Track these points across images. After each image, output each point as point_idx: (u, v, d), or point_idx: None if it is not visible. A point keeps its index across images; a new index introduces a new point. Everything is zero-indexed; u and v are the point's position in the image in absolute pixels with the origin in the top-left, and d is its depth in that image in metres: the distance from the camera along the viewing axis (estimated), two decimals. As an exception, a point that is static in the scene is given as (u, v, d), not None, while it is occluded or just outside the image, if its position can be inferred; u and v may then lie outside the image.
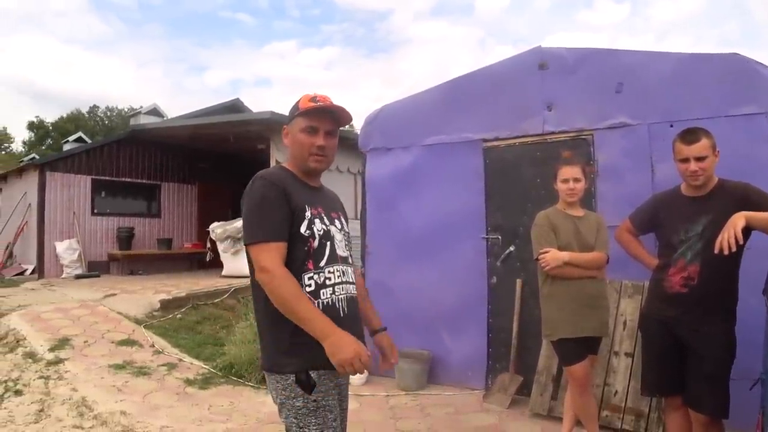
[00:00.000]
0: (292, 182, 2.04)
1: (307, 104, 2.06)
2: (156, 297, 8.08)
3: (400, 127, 5.55)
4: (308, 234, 1.96)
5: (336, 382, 1.99)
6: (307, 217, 1.98)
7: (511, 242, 5.02)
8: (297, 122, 2.09)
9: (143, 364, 5.77)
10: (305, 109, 2.06)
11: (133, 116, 16.38)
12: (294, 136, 2.10)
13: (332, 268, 2.00)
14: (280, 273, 1.84)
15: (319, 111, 2.06)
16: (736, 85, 4.12)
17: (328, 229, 2.04)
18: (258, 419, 4.51)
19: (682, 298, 2.92)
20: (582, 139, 4.74)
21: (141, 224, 13.30)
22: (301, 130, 2.07)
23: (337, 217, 2.15)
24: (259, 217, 1.93)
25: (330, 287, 1.98)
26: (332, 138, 2.11)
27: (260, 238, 1.90)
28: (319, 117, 2.06)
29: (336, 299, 1.99)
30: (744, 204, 2.72)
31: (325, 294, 1.96)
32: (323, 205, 2.10)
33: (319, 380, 1.90)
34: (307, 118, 2.06)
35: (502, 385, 4.88)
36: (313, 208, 2.01)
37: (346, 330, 1.93)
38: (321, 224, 2.01)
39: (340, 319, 1.94)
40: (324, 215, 2.06)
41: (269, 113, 9.81)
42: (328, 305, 1.95)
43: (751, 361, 2.97)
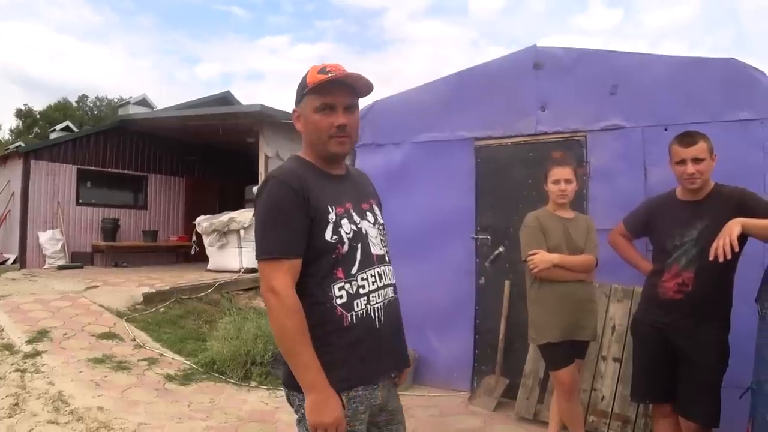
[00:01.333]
0: (312, 177, 1.76)
1: (316, 77, 1.74)
2: (139, 290, 7.95)
3: (391, 124, 5.47)
4: (335, 240, 1.71)
5: (369, 405, 1.77)
6: (332, 221, 1.72)
7: (501, 243, 4.96)
8: (308, 101, 1.78)
9: (123, 358, 5.65)
10: (315, 84, 1.74)
11: (121, 106, 16.20)
12: (307, 118, 1.80)
13: (366, 274, 1.77)
14: (289, 303, 1.63)
15: (333, 84, 1.73)
16: (732, 90, 4.08)
17: (359, 228, 1.78)
18: (239, 417, 4.42)
19: (676, 305, 2.87)
20: (575, 141, 4.68)
21: (127, 216, 13.13)
22: (315, 110, 1.76)
23: (369, 208, 1.88)
24: (272, 228, 1.68)
25: (364, 296, 1.75)
26: (352, 114, 1.79)
27: (272, 254, 1.66)
28: (333, 91, 1.74)
29: (371, 309, 1.76)
30: (740, 210, 2.68)
31: (359, 305, 1.74)
32: (351, 197, 1.83)
33: (348, 403, 1.70)
34: (319, 94, 1.75)
35: (487, 387, 4.83)
36: (338, 207, 1.75)
37: (384, 342, 1.79)
38: (350, 224, 1.76)
39: (376, 331, 1.76)
40: (353, 211, 1.80)
41: (259, 106, 9.71)
42: (362, 317, 1.74)
43: (742, 369, 2.93)
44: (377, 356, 1.78)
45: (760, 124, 4.00)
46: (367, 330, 1.75)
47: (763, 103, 4.00)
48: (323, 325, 1.71)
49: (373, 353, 1.76)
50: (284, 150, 10.19)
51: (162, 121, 12.35)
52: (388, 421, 1.90)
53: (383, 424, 1.89)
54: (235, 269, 9.84)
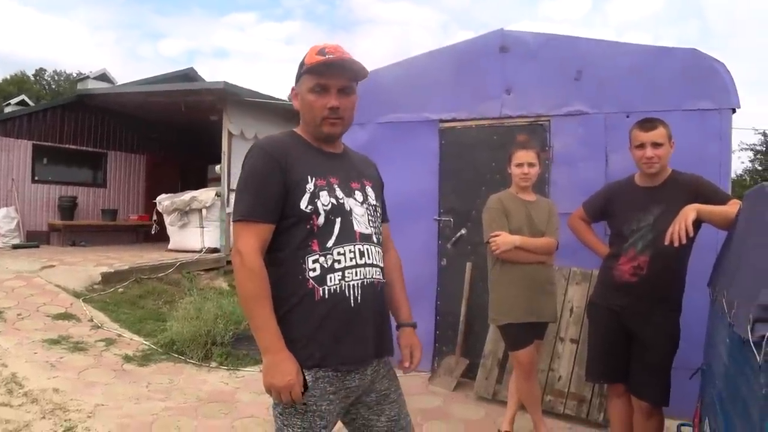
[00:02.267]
0: (297, 149, 1.80)
1: (314, 58, 1.77)
2: (97, 270, 7.77)
3: (356, 103, 5.42)
4: (310, 210, 1.71)
5: (341, 386, 1.75)
6: (309, 190, 1.73)
7: (463, 225, 4.99)
8: (304, 81, 1.81)
9: (80, 339, 5.54)
10: (312, 65, 1.77)
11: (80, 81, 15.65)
12: (303, 97, 1.83)
13: (343, 249, 1.75)
14: (251, 265, 1.65)
15: (329, 66, 1.76)
16: (693, 80, 4.16)
17: (340, 203, 1.77)
18: (198, 397, 4.38)
19: (631, 288, 2.93)
20: (539, 125, 4.72)
21: (85, 194, 12.78)
22: (309, 90, 1.79)
23: (359, 187, 1.88)
24: (246, 192, 1.72)
25: (339, 272, 1.73)
26: (347, 96, 1.82)
27: (243, 217, 1.70)
28: (329, 73, 1.77)
29: (346, 286, 1.73)
30: (695, 196, 2.74)
31: (332, 280, 1.72)
32: (340, 173, 1.84)
33: (314, 382, 1.69)
34: (315, 75, 1.78)
35: (448, 368, 4.88)
36: (319, 179, 1.76)
37: (360, 323, 1.76)
38: (329, 197, 1.75)
39: (350, 310, 1.73)
40: (337, 186, 1.80)
41: (223, 83, 9.52)
42: (335, 293, 1.72)
43: (693, 351, 3.03)
44: (351, 337, 1.74)
45: (718, 114, 4.09)
46: (340, 307, 1.72)
47: (721, 93, 4.09)
48: (294, 296, 1.71)
49: (346, 334, 1.73)
50: (249, 128, 10.04)
51: (123, 96, 12.00)
52: (378, 401, 1.89)
53: (373, 404, 1.88)
54: (196, 249, 9.71)
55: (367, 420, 1.89)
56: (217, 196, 9.86)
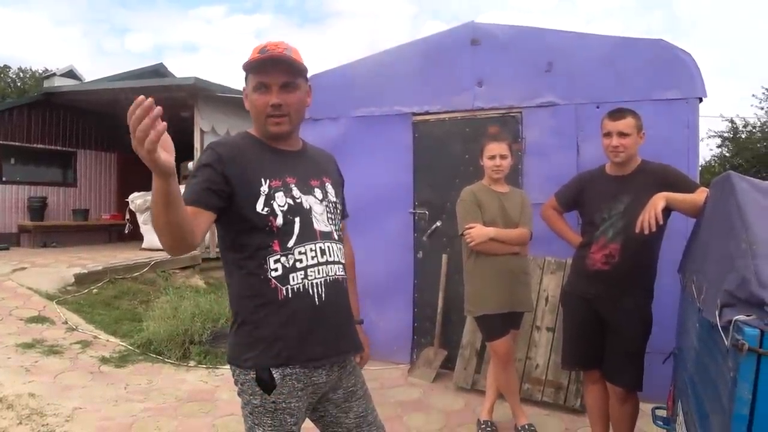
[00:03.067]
0: (251, 150, 1.77)
1: (253, 57, 1.75)
2: (70, 271, 7.66)
3: (328, 98, 5.40)
4: (266, 212, 1.70)
5: (308, 383, 1.75)
6: (264, 192, 1.71)
7: (438, 217, 5.03)
8: (249, 81, 1.79)
9: (55, 342, 5.46)
10: (250, 63, 1.75)
11: (47, 78, 15.30)
12: (248, 97, 1.81)
13: (304, 248, 1.74)
14: None
15: (265, 63, 1.74)
16: (661, 70, 4.23)
17: (297, 203, 1.76)
18: (177, 397, 4.36)
19: (603, 275, 2.98)
20: (511, 117, 4.76)
21: (55, 194, 12.56)
22: (253, 89, 1.77)
23: (318, 185, 1.86)
24: (188, 183, 1.70)
25: (301, 270, 1.73)
26: (291, 92, 1.77)
27: None
28: (268, 70, 1.74)
29: (309, 284, 1.73)
30: (664, 185, 2.79)
31: (294, 279, 1.72)
32: (297, 172, 1.82)
33: (282, 380, 1.70)
34: (255, 73, 1.76)
35: (426, 359, 4.92)
36: (274, 180, 1.74)
37: (325, 321, 1.76)
38: (285, 197, 1.74)
39: (315, 308, 1.73)
40: (294, 185, 1.78)
41: (193, 79, 9.41)
42: (298, 292, 1.72)
43: (665, 336, 3.11)
44: (318, 335, 1.76)
45: (686, 103, 4.17)
46: (304, 305, 1.73)
47: (688, 83, 4.17)
48: (258, 297, 1.72)
49: (312, 332, 1.74)
50: (220, 124, 9.94)
51: (91, 93, 11.77)
52: (346, 398, 1.90)
53: (341, 401, 1.89)
54: (171, 247, 9.60)
55: (335, 417, 1.90)
56: (191, 194, 9.76)
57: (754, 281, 1.59)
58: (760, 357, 1.49)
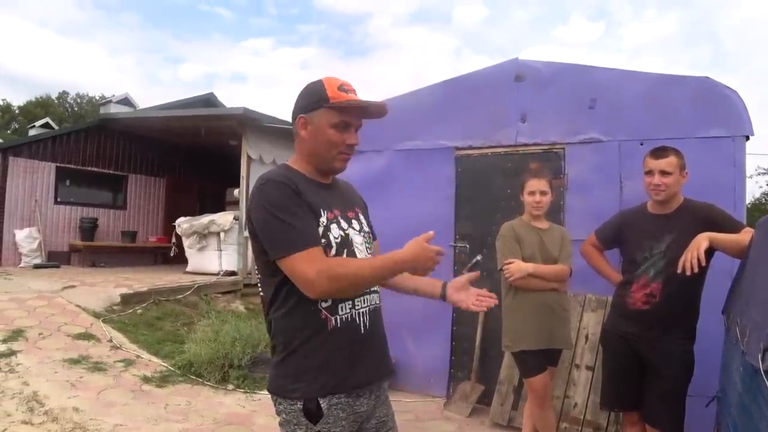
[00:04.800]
0: (301, 183, 1.78)
1: (338, 95, 1.77)
2: (116, 291, 7.89)
3: (373, 131, 5.46)
4: (324, 243, 1.72)
5: (351, 411, 1.77)
6: (323, 224, 1.74)
7: (479, 251, 5.02)
8: (324, 114, 1.79)
9: (99, 359, 5.62)
10: (342, 103, 1.77)
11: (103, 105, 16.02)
12: (320, 130, 1.80)
13: None
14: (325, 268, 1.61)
15: (359, 108, 1.81)
16: (706, 107, 4.20)
17: (346, 234, 1.81)
18: (215, 420, 4.43)
19: (644, 315, 2.95)
20: (554, 153, 4.77)
21: (105, 215, 13.00)
22: (330, 125, 1.79)
23: (354, 216, 1.91)
24: (284, 223, 1.66)
25: (349, 301, 1.77)
26: (357, 133, 1.88)
27: (298, 248, 1.64)
28: (353, 110, 1.81)
29: (356, 314, 1.78)
30: (707, 224, 2.77)
31: (343, 309, 1.75)
32: (339, 205, 1.87)
33: (328, 410, 1.71)
34: (339, 112, 1.78)
35: (463, 393, 4.88)
36: (329, 212, 1.78)
37: (367, 349, 1.81)
38: (338, 230, 1.78)
39: (360, 336, 1.78)
40: (341, 218, 1.83)
41: (242, 109, 9.70)
42: (347, 321, 1.76)
43: (708, 378, 3.03)
44: (362, 363, 1.79)
45: (732, 141, 4.12)
46: (351, 335, 1.76)
47: (734, 120, 4.12)
48: (307, 327, 1.74)
49: (358, 359, 1.77)
50: (267, 154, 10.19)
51: (144, 121, 12.26)
52: (378, 428, 1.91)
53: (372, 431, 1.90)
54: (214, 272, 9.81)
55: None
56: (235, 220, 9.98)
57: (797, 325, 1.57)
58: (802, 402, 1.47)
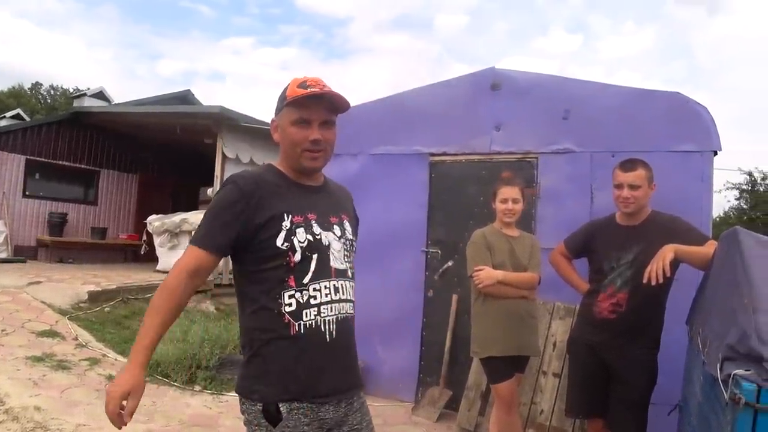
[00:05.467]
0: (275, 184, 1.80)
1: (295, 91, 1.77)
2: (84, 288, 7.76)
3: (349, 134, 5.48)
4: (286, 247, 1.72)
5: (315, 417, 1.74)
6: (285, 228, 1.73)
7: (451, 257, 5.06)
8: (286, 114, 1.80)
9: (64, 357, 5.52)
10: (294, 98, 1.76)
11: (77, 98, 15.74)
12: (284, 130, 1.82)
13: (319, 285, 1.76)
14: (171, 281, 1.72)
15: (312, 99, 1.77)
16: (676, 122, 4.29)
17: (317, 239, 1.78)
18: (181, 421, 4.38)
19: (610, 324, 3.00)
20: (527, 162, 4.82)
21: (75, 210, 12.80)
22: (291, 123, 1.79)
23: (337, 222, 1.87)
24: (204, 221, 1.76)
25: (314, 307, 1.74)
26: (329, 129, 1.83)
27: (192, 240, 1.77)
28: (311, 106, 1.77)
29: (321, 321, 1.75)
30: (673, 236, 2.82)
31: (308, 315, 1.73)
32: (318, 208, 1.84)
33: (288, 414, 1.69)
34: (297, 108, 1.77)
35: (431, 398, 4.90)
36: (296, 216, 1.76)
37: (334, 358, 1.78)
38: (306, 234, 1.75)
39: (326, 344, 1.76)
40: (315, 222, 1.80)
41: (219, 108, 9.63)
42: (311, 328, 1.73)
43: (671, 386, 3.11)
44: (326, 372, 1.77)
45: (700, 156, 4.21)
46: (315, 342, 1.75)
47: (703, 136, 4.22)
48: (270, 331, 1.73)
49: (321, 368, 1.76)
50: (244, 153, 10.12)
51: (119, 116, 12.10)
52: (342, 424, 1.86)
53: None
54: (185, 271, 9.69)
55: None
56: (208, 219, 9.88)
57: (754, 337, 1.62)
58: (757, 412, 1.51)
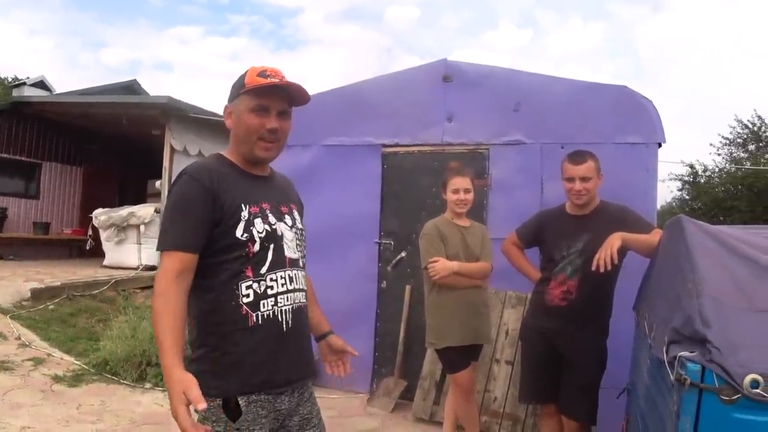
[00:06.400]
0: (228, 175, 1.77)
1: (255, 80, 1.75)
2: (26, 285, 7.46)
3: (301, 125, 5.40)
4: (246, 238, 1.71)
5: (272, 409, 1.74)
6: (244, 218, 1.72)
7: (403, 248, 5.08)
8: (243, 101, 1.77)
9: (6, 358, 5.30)
10: (254, 87, 1.75)
11: (16, 87, 15.05)
12: (239, 116, 1.78)
13: (276, 275, 1.76)
14: (160, 286, 1.61)
15: (272, 88, 1.76)
16: (624, 115, 4.40)
17: (273, 229, 1.78)
18: (131, 420, 4.28)
19: (561, 311, 3.07)
20: (478, 153, 4.88)
21: (16, 205, 12.26)
22: (248, 110, 1.76)
23: (287, 212, 1.89)
24: (171, 220, 1.69)
25: (272, 297, 1.75)
26: (285, 120, 1.82)
27: (167, 246, 1.67)
28: (270, 94, 1.76)
29: (278, 311, 1.76)
30: (621, 225, 2.91)
31: (265, 306, 1.73)
32: (270, 198, 1.84)
33: (247, 407, 1.69)
34: (256, 96, 1.75)
35: (386, 389, 4.93)
36: (252, 206, 1.76)
37: (289, 348, 1.77)
38: (263, 224, 1.76)
39: (282, 334, 1.76)
40: (269, 212, 1.80)
41: (167, 98, 9.40)
42: (268, 318, 1.73)
43: (619, 371, 3.19)
44: (283, 362, 1.77)
45: (646, 147, 4.35)
46: (272, 332, 1.74)
47: (648, 128, 4.35)
48: (227, 323, 1.71)
49: (278, 358, 1.75)
50: (192, 145, 9.91)
51: (62, 106, 11.62)
52: (302, 425, 1.88)
53: (295, 428, 1.87)
54: (133, 266, 9.45)
55: None
56: (156, 213, 9.62)
57: (698, 320, 1.67)
58: (702, 392, 1.57)
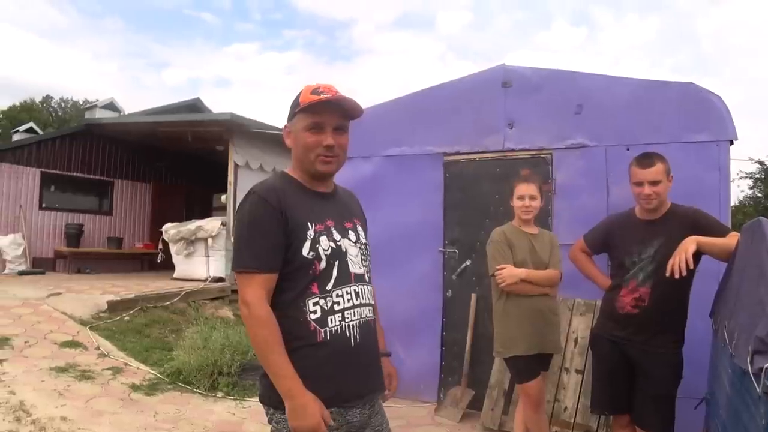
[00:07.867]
0: (293, 194, 1.81)
1: (308, 98, 1.80)
2: (103, 297, 7.82)
3: (361, 137, 5.48)
4: (312, 256, 1.75)
5: (343, 422, 1.76)
6: (310, 237, 1.76)
7: (468, 256, 5.05)
8: (299, 120, 1.83)
9: (87, 367, 5.57)
10: (307, 104, 1.79)
11: (88, 109, 15.90)
12: (297, 135, 1.84)
13: (341, 291, 1.79)
14: (259, 313, 1.67)
15: (325, 104, 1.79)
16: (691, 113, 4.25)
17: (338, 246, 1.81)
18: (205, 428, 4.40)
19: (633, 319, 2.98)
20: (541, 158, 4.81)
21: (91, 221, 12.90)
22: (304, 129, 1.81)
23: (352, 227, 1.91)
24: (247, 241, 1.74)
25: (339, 313, 1.77)
26: (342, 135, 1.86)
27: (247, 267, 1.71)
28: (324, 111, 1.80)
29: (346, 326, 1.78)
30: (694, 228, 2.81)
31: (333, 321, 1.76)
32: (334, 215, 1.87)
33: None
34: (310, 113, 1.80)
35: (453, 398, 4.90)
36: (318, 224, 1.79)
37: (360, 362, 1.80)
38: (329, 241, 1.79)
39: (351, 349, 1.78)
40: (334, 229, 1.83)
41: (229, 114, 9.69)
42: (336, 334, 1.76)
43: (697, 380, 3.07)
44: (352, 376, 1.79)
45: (716, 146, 4.18)
46: (341, 347, 1.76)
47: (718, 125, 4.18)
48: (295, 339, 1.74)
49: (347, 373, 1.77)
50: (254, 159, 10.17)
51: (131, 126, 12.19)
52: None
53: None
54: (202, 278, 9.76)
55: None
56: (223, 226, 9.94)
57: (785, 329, 1.60)
58: (791, 405, 1.50)
